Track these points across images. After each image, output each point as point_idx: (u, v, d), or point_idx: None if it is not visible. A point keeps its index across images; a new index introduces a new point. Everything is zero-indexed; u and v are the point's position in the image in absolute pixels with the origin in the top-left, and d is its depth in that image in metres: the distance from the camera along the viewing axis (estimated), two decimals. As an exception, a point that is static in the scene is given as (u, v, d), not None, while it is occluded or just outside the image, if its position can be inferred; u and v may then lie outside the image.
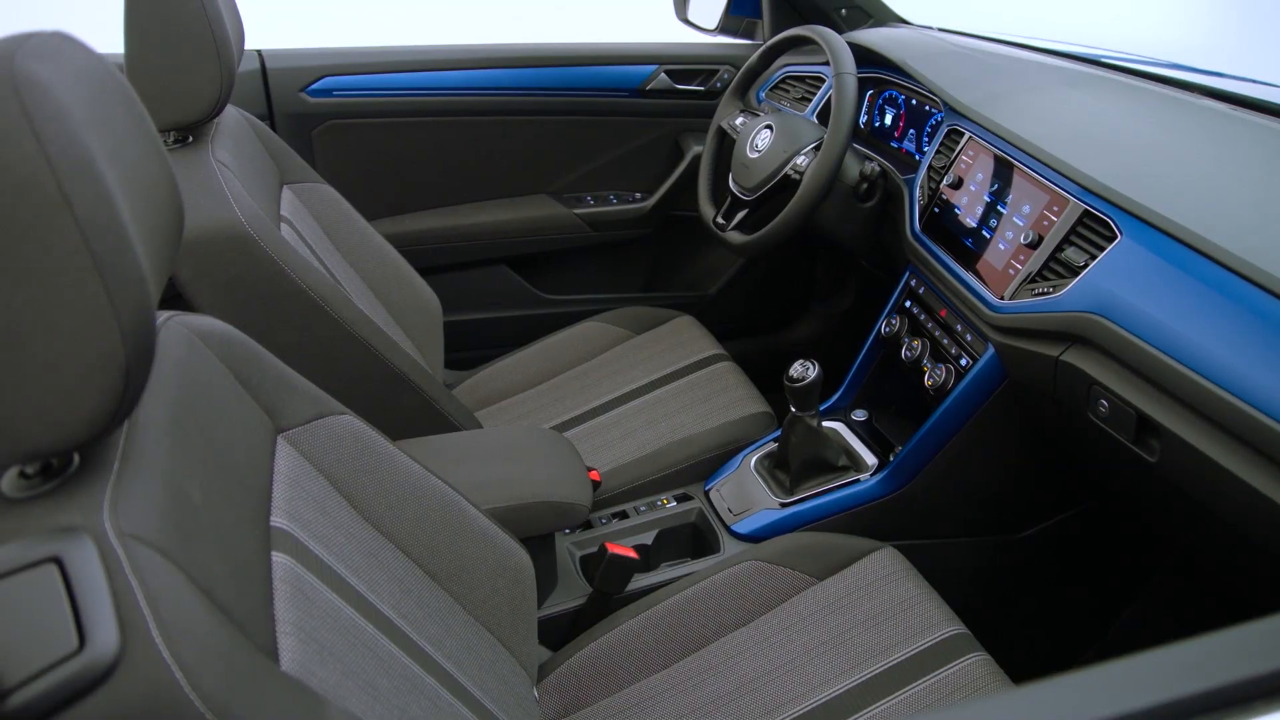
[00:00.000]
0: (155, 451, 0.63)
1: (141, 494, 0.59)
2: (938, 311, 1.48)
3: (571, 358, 1.89)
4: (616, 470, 1.57)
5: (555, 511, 1.24)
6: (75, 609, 0.52)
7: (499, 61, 2.02)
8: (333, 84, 1.91)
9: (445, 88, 1.99)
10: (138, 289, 0.54)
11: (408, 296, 1.71)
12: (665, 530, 1.50)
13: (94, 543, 0.54)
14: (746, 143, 1.70)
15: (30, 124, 0.50)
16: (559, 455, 1.31)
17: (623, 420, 1.70)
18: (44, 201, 0.50)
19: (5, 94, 0.50)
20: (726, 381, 1.75)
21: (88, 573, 0.53)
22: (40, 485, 0.58)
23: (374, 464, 0.95)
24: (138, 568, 0.54)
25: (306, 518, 0.82)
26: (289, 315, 1.24)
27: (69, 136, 0.51)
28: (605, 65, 2.09)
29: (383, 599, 0.86)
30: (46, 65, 0.53)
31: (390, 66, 1.95)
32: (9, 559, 0.53)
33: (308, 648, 0.68)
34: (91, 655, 0.51)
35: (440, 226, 2.07)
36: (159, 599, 0.53)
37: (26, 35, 0.56)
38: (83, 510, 0.56)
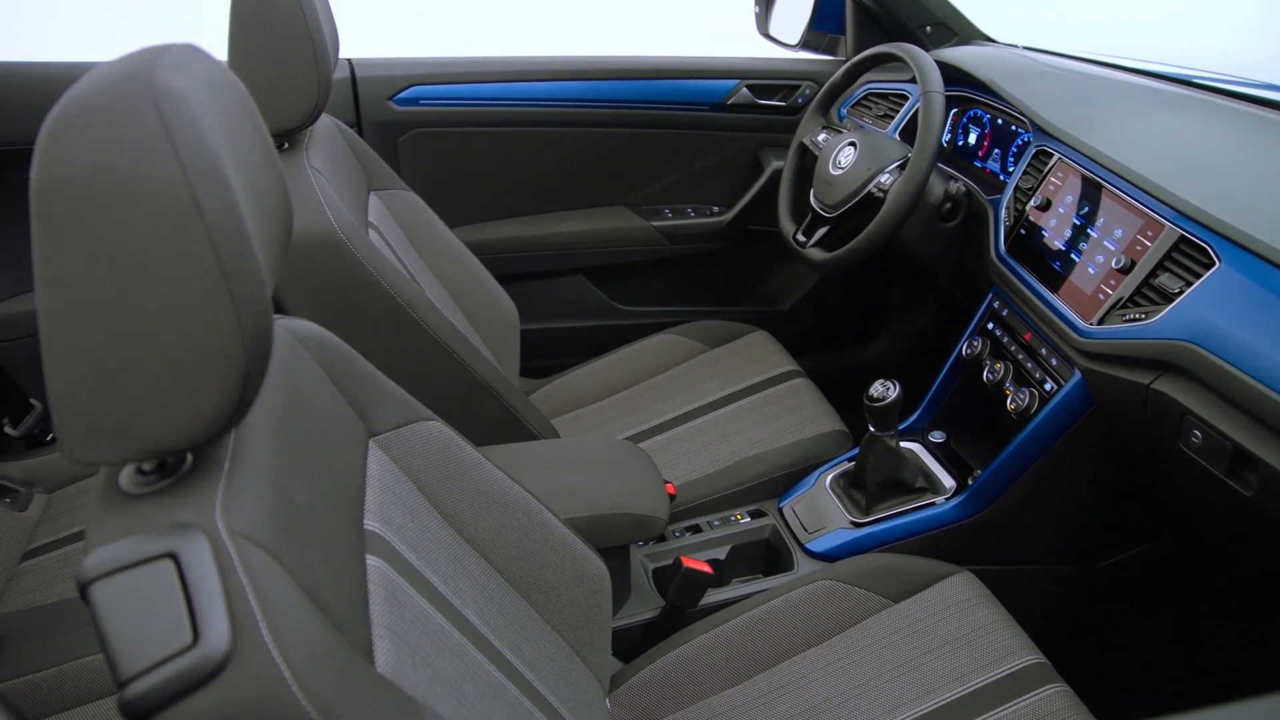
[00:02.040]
0: (262, 453, 0.65)
1: (251, 494, 0.60)
2: (1022, 334, 1.46)
3: (646, 369, 1.90)
4: (690, 484, 1.57)
5: (633, 523, 1.25)
6: (190, 604, 0.54)
7: (582, 73, 2.04)
8: (419, 93, 1.95)
9: (529, 98, 2.02)
10: (258, 295, 0.56)
11: (486, 304, 1.73)
12: (738, 546, 1.50)
13: (208, 540, 0.56)
14: (829, 160, 1.69)
15: (168, 133, 0.52)
16: (637, 467, 1.32)
17: (696, 434, 1.70)
18: (177, 208, 0.51)
19: (145, 105, 0.52)
20: (801, 398, 1.74)
21: (202, 569, 0.55)
22: (156, 482, 0.60)
23: (460, 470, 0.97)
24: (248, 567, 0.55)
25: (397, 522, 0.83)
26: (376, 320, 1.27)
27: (201, 146, 0.53)
28: (688, 79, 2.09)
29: (466, 605, 0.87)
30: (181, 77, 0.55)
31: (475, 77, 1.99)
32: (129, 553, 0.55)
33: (400, 651, 0.70)
34: (205, 651, 0.52)
35: (520, 235, 2.09)
36: (268, 598, 0.55)
37: (163, 48, 0.58)
38: (197, 508, 0.57)
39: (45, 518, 1.69)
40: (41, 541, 1.62)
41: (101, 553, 0.55)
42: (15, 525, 1.64)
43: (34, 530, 1.65)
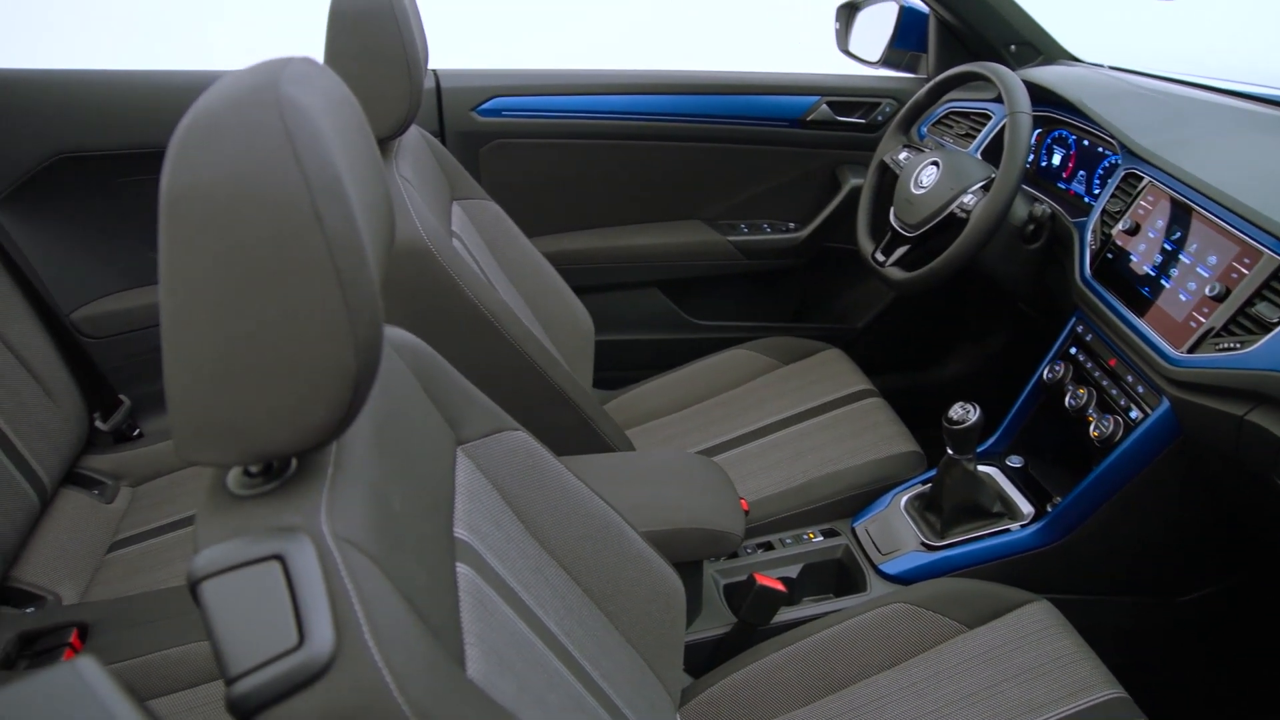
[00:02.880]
0: (362, 459, 0.66)
1: (353, 500, 0.62)
2: (1106, 360, 1.43)
3: (719, 384, 1.90)
4: (762, 501, 1.56)
5: (709, 539, 1.25)
6: (296, 606, 0.55)
7: (663, 87, 2.05)
8: (502, 104, 1.98)
9: (609, 111, 2.03)
10: (372, 305, 0.57)
11: (562, 314, 1.74)
12: (810, 565, 1.49)
13: (313, 544, 0.57)
14: (910, 178, 1.68)
15: (292, 146, 0.53)
16: (714, 483, 1.32)
17: (769, 450, 1.70)
18: (299, 218, 0.53)
19: (271, 117, 0.53)
20: (875, 418, 1.73)
21: (307, 572, 0.56)
22: (262, 485, 0.61)
23: (543, 480, 0.98)
24: (352, 571, 0.57)
25: (483, 530, 0.84)
26: (460, 329, 1.29)
27: (323, 158, 0.54)
28: (768, 95, 2.10)
29: (548, 615, 0.88)
30: (303, 89, 0.57)
31: (557, 89, 2.01)
32: (238, 553, 0.57)
33: (490, 660, 0.70)
34: (310, 652, 0.53)
35: (596, 247, 2.11)
36: (371, 603, 0.56)
37: (285, 61, 0.60)
38: (302, 512, 0.59)
39: (131, 510, 1.74)
40: (127, 534, 1.66)
41: (211, 552, 0.57)
42: (103, 517, 1.69)
43: (120, 522, 1.70)
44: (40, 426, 1.61)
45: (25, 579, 1.50)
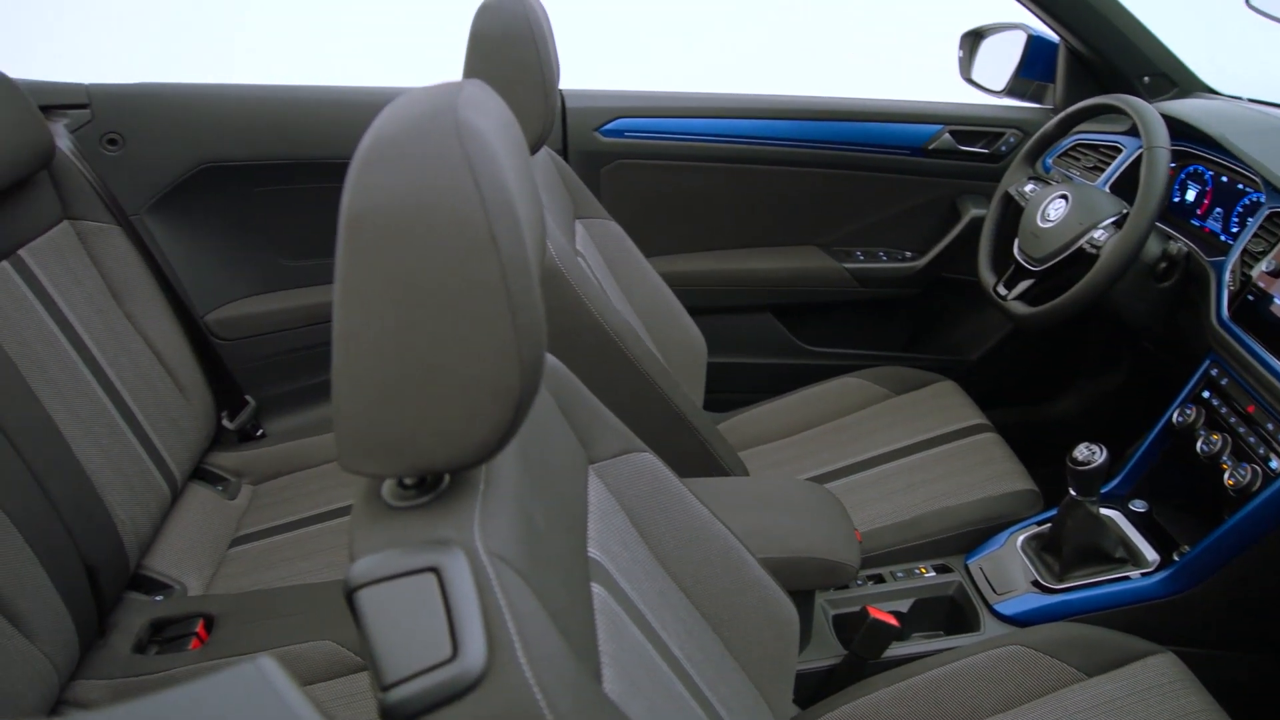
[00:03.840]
0: (510, 476, 0.68)
1: (503, 517, 0.63)
2: (1244, 406, 1.38)
3: (829, 411, 1.89)
4: (874, 532, 1.54)
5: (824, 569, 1.24)
6: (450, 619, 0.56)
7: (784, 113, 2.05)
8: (625, 125, 2.00)
9: (730, 135, 2.04)
10: (538, 327, 0.58)
11: (677, 335, 1.75)
12: (922, 600, 1.47)
13: (467, 558, 0.58)
14: (1037, 211, 1.65)
15: (471, 170, 0.55)
16: (830, 512, 1.31)
17: (880, 481, 1.68)
18: (476, 241, 0.54)
19: (451, 142, 0.55)
20: (991, 453, 1.70)
21: (462, 586, 0.57)
22: (416, 497, 0.63)
23: (668, 503, 0.98)
24: (505, 587, 0.58)
25: (613, 550, 0.85)
26: (584, 348, 1.30)
27: (500, 182, 0.56)
28: (890, 122, 2.08)
29: (671, 638, 0.89)
30: (478, 114, 0.59)
31: (679, 111, 2.02)
32: (394, 564, 0.58)
33: (623, 681, 0.71)
34: (463, 665, 0.55)
35: (711, 269, 2.12)
36: (522, 620, 0.57)
37: (459, 85, 0.62)
38: (456, 526, 0.60)
39: (251, 508, 1.80)
40: (248, 530, 1.72)
41: (368, 561, 0.59)
42: (226, 512, 1.76)
43: (241, 519, 1.76)
44: (174, 423, 1.68)
45: (155, 568, 1.56)
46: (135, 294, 1.70)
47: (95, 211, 1.66)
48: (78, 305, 1.56)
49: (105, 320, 1.61)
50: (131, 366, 1.63)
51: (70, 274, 1.58)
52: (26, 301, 1.46)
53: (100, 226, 1.67)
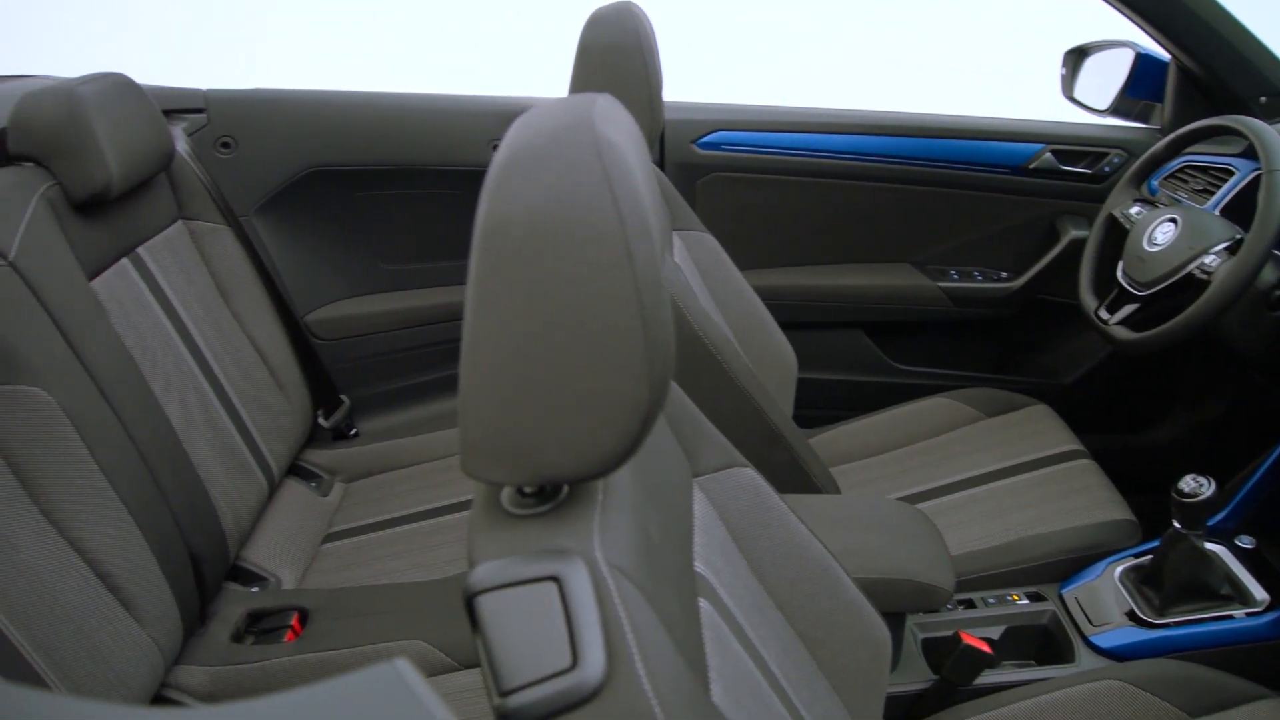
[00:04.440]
0: (626, 488, 0.68)
1: (621, 529, 0.64)
2: (1362, 443, 1.33)
3: (919, 431, 1.86)
4: (965, 556, 1.52)
5: (918, 592, 1.22)
6: (570, 628, 0.57)
7: (883, 129, 2.03)
8: (722, 138, 2.00)
9: (826, 150, 2.03)
10: (668, 341, 0.58)
11: (768, 350, 1.75)
12: (1014, 628, 1.44)
13: (587, 569, 0.59)
14: (1143, 235, 1.61)
15: (609, 184, 0.55)
16: (925, 535, 1.29)
17: (970, 504, 1.65)
18: (613, 254, 0.55)
19: (590, 156, 0.56)
20: (1086, 481, 1.66)
21: (583, 596, 0.58)
22: (535, 506, 0.64)
23: (768, 519, 0.98)
24: (624, 599, 0.58)
25: (717, 565, 0.85)
26: (683, 360, 1.31)
27: (636, 198, 0.57)
28: (990, 140, 2.05)
29: (770, 655, 0.88)
30: (613, 128, 0.60)
31: (777, 126, 2.02)
32: (515, 571, 0.59)
33: (729, 697, 0.71)
34: (582, 675, 0.55)
35: (803, 284, 2.11)
36: (641, 632, 0.57)
37: (592, 99, 0.63)
38: (577, 537, 0.61)
39: (343, 506, 1.83)
40: (340, 527, 1.76)
41: (488, 567, 0.60)
42: (319, 509, 1.80)
43: (334, 515, 1.80)
44: (273, 419, 1.73)
45: (252, 560, 1.61)
46: (242, 293, 1.75)
47: (208, 212, 1.72)
48: (189, 302, 1.61)
49: (213, 318, 1.67)
50: (236, 363, 1.67)
51: (183, 272, 1.63)
52: (143, 298, 1.51)
53: (212, 227, 1.72)
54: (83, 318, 1.32)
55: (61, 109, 1.38)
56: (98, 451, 1.23)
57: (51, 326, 1.25)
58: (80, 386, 1.25)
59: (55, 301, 1.27)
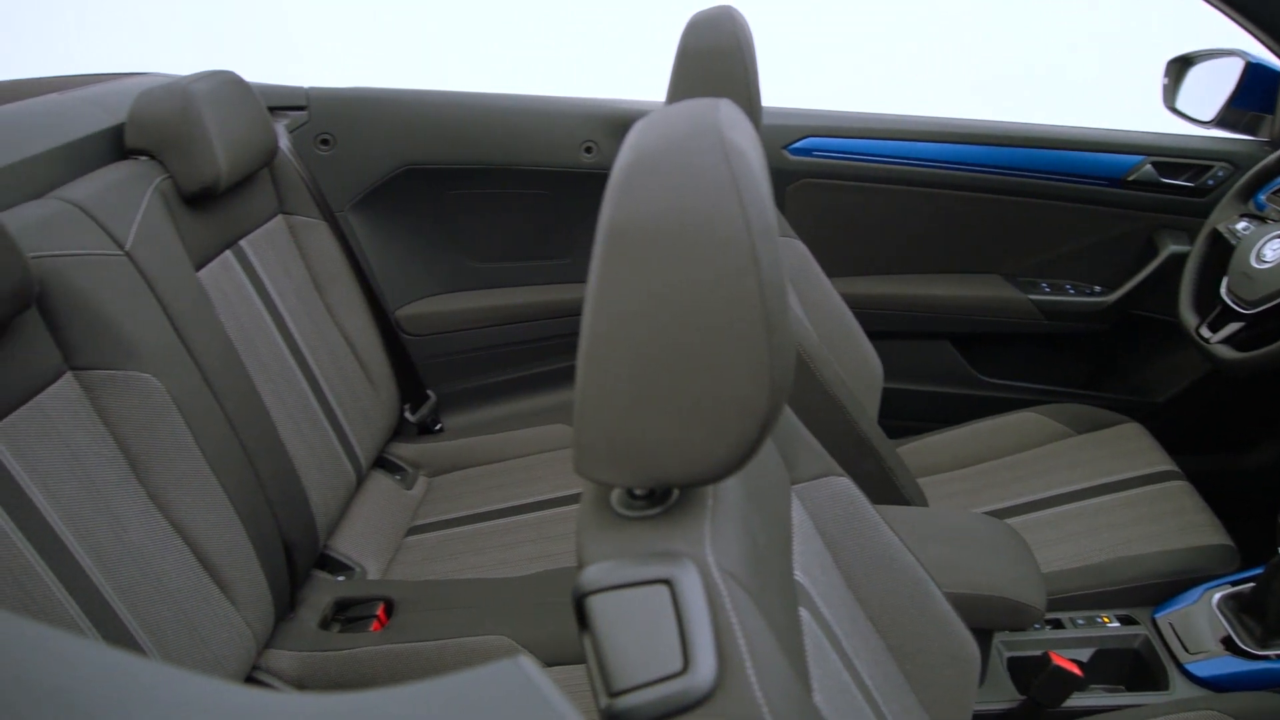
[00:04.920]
0: (734, 494, 0.68)
1: (730, 533, 0.64)
2: None
3: (1005, 446, 1.83)
4: (1053, 575, 1.49)
5: (1009, 610, 1.20)
6: (682, 632, 0.57)
7: (976, 137, 2.00)
8: (813, 144, 1.99)
9: (918, 158, 2.00)
10: (789, 349, 0.58)
11: (854, 359, 1.73)
12: (1103, 651, 1.40)
13: (699, 573, 0.59)
14: (1251, 251, 1.56)
15: (737, 190, 0.56)
16: (1015, 551, 1.27)
17: (1059, 522, 1.61)
18: (739, 260, 0.55)
19: (717, 160, 0.56)
20: (1181, 503, 1.61)
21: (694, 600, 0.58)
22: (645, 509, 0.64)
23: (861, 529, 0.97)
24: (736, 604, 0.58)
25: (814, 574, 0.85)
26: None
27: (762, 203, 0.57)
28: (1088, 151, 2.00)
29: (864, 668, 0.88)
30: (738, 134, 0.60)
31: (869, 133, 2.00)
32: (627, 573, 0.59)
33: (829, 708, 0.71)
34: (693, 679, 0.55)
35: (890, 293, 2.08)
36: (752, 638, 0.57)
37: (714, 103, 0.63)
38: (689, 541, 0.61)
39: (426, 499, 1.86)
40: (423, 520, 1.78)
41: (600, 568, 0.60)
42: (403, 502, 1.83)
43: (417, 508, 1.83)
44: (363, 412, 1.76)
45: (339, 550, 1.64)
46: (336, 287, 1.79)
47: (306, 207, 1.76)
48: (286, 295, 1.65)
49: (308, 310, 1.70)
50: (329, 355, 1.71)
51: (281, 265, 1.67)
52: (244, 289, 1.55)
53: (309, 221, 1.76)
54: (191, 307, 1.36)
55: (176, 106, 1.42)
56: (201, 438, 1.27)
57: (162, 315, 1.29)
58: (187, 374, 1.29)
59: (166, 291, 1.32)
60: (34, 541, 1.05)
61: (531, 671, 0.49)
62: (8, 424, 1.07)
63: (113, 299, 1.22)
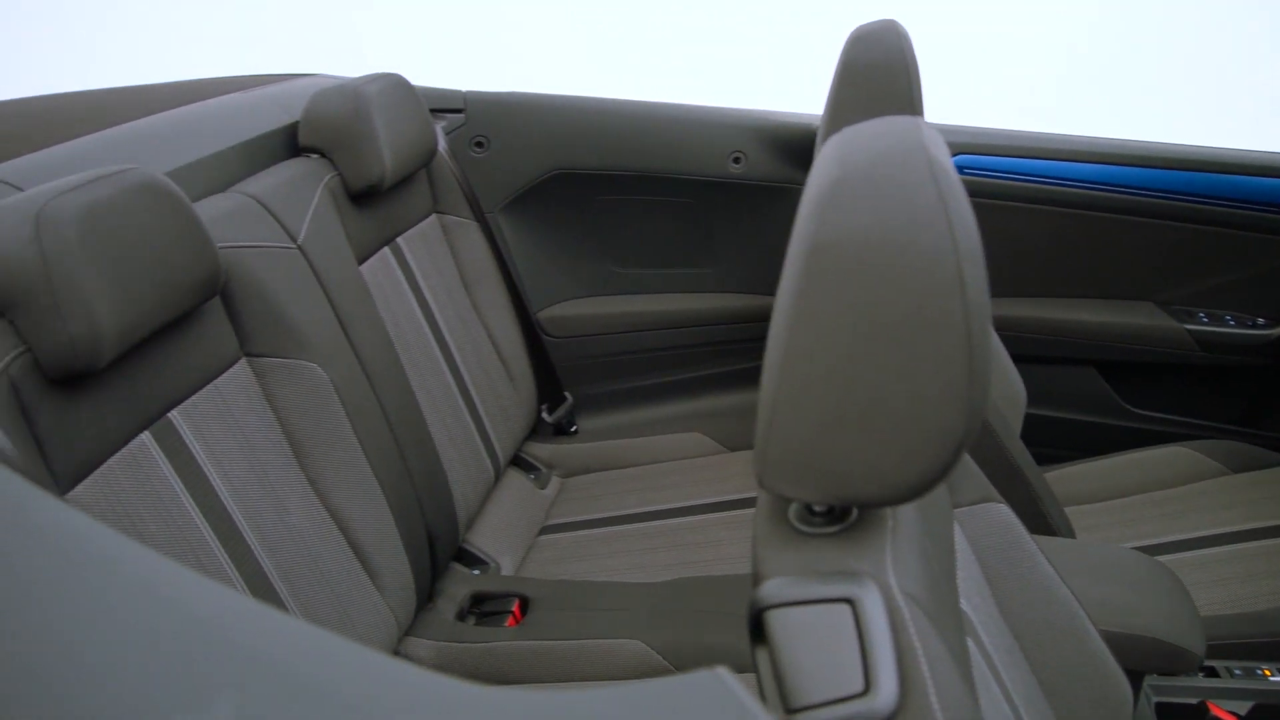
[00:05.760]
0: (912, 516, 0.67)
1: (910, 557, 0.63)
2: None
3: (1155, 480, 1.76)
4: (1207, 620, 1.42)
5: (1165, 653, 1.15)
6: (864, 653, 0.57)
7: (1135, 159, 1.93)
8: (965, 162, 1.95)
9: (1071, 179, 1.94)
10: (988, 373, 0.57)
11: (997, 381, 1.69)
12: (1264, 705, 1.33)
13: (881, 594, 0.58)
14: None
15: (945, 209, 0.55)
16: (1172, 591, 1.22)
17: (1213, 564, 1.55)
18: (944, 280, 0.54)
19: (925, 179, 0.56)
20: (1350, 553, 1.53)
21: (877, 622, 0.57)
22: (824, 526, 0.64)
23: (1019, 558, 0.95)
24: (919, 628, 0.58)
25: (975, 602, 0.83)
26: None
27: (970, 224, 0.56)
28: (1256, 176, 1.91)
29: (1019, 704, 0.85)
30: (941, 152, 0.59)
31: (1022, 151, 1.95)
32: (809, 590, 0.59)
33: (995, 742, 0.69)
34: (875, 702, 0.55)
35: (1036, 316, 2.03)
36: (935, 663, 0.57)
37: (915, 122, 0.62)
38: (870, 561, 0.61)
39: (559, 500, 1.89)
40: (556, 520, 1.81)
41: (780, 582, 0.60)
42: (537, 500, 1.86)
43: (550, 508, 1.86)
44: (503, 410, 1.80)
45: (475, 544, 1.68)
46: (483, 286, 1.83)
47: (459, 207, 1.80)
48: (437, 292, 1.70)
49: (457, 308, 1.75)
50: (474, 353, 1.75)
51: (434, 263, 1.72)
52: (399, 285, 1.60)
53: (461, 221, 1.81)
54: (354, 301, 1.41)
55: (349, 106, 1.48)
56: (359, 428, 1.32)
57: (328, 307, 1.35)
58: (349, 365, 1.34)
59: (332, 284, 1.37)
60: (209, 519, 1.10)
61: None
62: (190, 405, 1.13)
63: (285, 290, 1.28)
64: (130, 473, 1.04)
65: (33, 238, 0.92)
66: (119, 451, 1.04)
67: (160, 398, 1.10)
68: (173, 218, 1.06)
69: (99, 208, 0.98)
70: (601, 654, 1.37)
